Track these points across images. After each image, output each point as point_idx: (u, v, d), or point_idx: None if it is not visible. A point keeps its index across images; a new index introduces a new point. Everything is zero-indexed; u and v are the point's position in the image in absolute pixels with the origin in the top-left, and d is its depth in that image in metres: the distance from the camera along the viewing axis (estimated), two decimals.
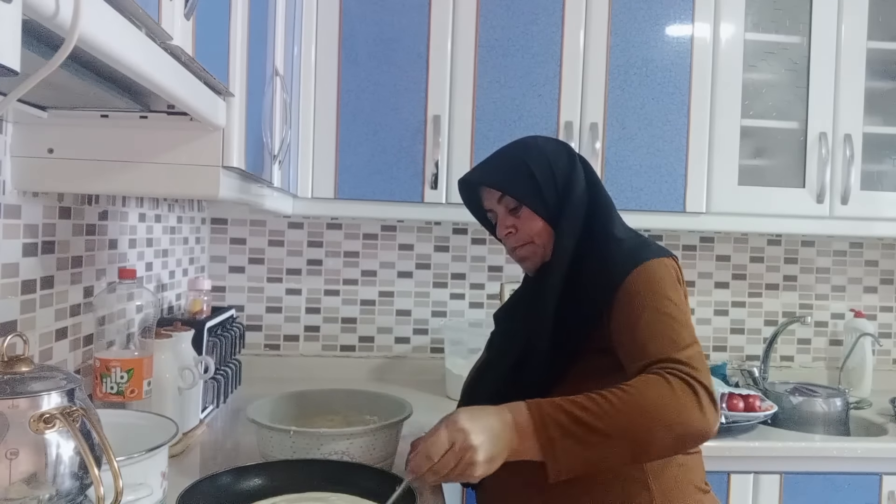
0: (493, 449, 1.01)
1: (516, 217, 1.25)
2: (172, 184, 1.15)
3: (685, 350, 1.05)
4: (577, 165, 1.25)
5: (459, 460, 1.01)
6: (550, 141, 1.31)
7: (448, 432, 1.02)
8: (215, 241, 2.30)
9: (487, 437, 1.01)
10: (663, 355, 1.05)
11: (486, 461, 1.01)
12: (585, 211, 1.22)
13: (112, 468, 0.76)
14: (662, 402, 1.00)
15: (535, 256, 1.26)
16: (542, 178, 1.22)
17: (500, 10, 2.00)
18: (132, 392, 1.28)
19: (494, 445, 1.01)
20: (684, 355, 1.04)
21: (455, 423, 1.03)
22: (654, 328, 1.08)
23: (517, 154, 1.26)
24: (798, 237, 2.47)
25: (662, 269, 1.15)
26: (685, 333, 1.08)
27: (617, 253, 1.17)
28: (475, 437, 1.00)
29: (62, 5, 0.57)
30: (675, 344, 1.06)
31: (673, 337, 1.07)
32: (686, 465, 1.18)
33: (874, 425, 2.07)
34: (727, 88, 2.06)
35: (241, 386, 2.05)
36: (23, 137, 1.14)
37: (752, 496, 1.81)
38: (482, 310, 2.37)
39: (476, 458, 1.00)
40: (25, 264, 1.19)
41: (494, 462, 1.02)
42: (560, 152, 1.26)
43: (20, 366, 0.79)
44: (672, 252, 1.22)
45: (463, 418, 1.03)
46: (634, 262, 1.14)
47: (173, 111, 1.10)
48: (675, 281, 1.15)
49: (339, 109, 1.98)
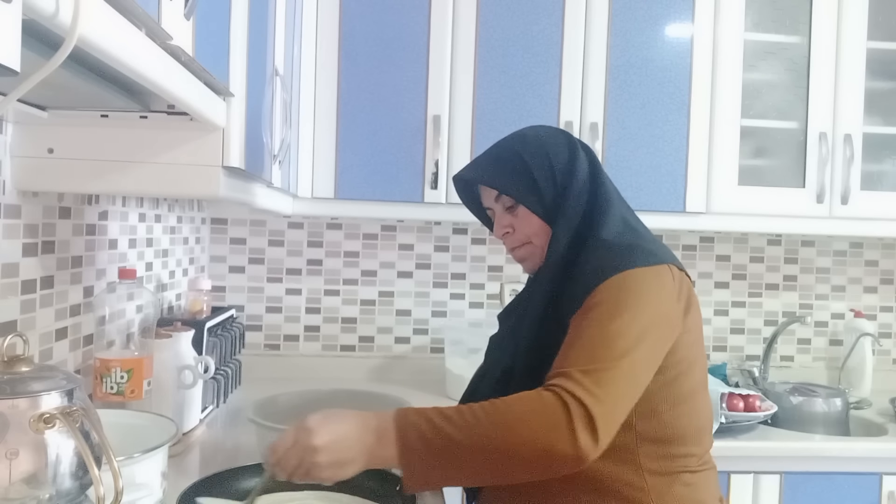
0: (340, 453, 0.96)
1: (513, 215, 1.19)
2: (172, 184, 1.15)
3: (595, 366, 0.95)
4: (579, 155, 1.17)
5: (301, 459, 0.97)
6: (550, 131, 1.22)
7: (294, 430, 1.00)
8: (215, 241, 2.30)
9: (333, 439, 0.97)
10: (567, 367, 0.96)
11: (332, 464, 0.96)
12: (585, 208, 1.14)
13: (112, 468, 0.76)
14: (526, 418, 0.92)
15: (534, 257, 1.20)
16: (540, 174, 1.15)
17: (500, 10, 2.00)
18: (132, 392, 1.28)
19: (343, 450, 0.97)
20: (582, 371, 0.94)
21: (304, 421, 1.00)
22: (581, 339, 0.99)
23: (513, 148, 1.18)
24: (798, 237, 2.47)
25: (646, 279, 1.04)
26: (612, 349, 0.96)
27: (596, 260, 1.07)
28: (317, 438, 0.96)
29: (62, 5, 0.57)
30: (590, 358, 0.96)
31: (593, 351, 0.97)
32: (694, 484, 1.10)
33: (874, 425, 2.07)
34: (727, 88, 2.06)
35: (241, 386, 2.05)
36: (23, 137, 1.14)
37: (752, 496, 1.82)
38: (482, 310, 2.36)
39: (317, 460, 0.96)
40: (25, 264, 1.19)
41: (344, 467, 0.97)
42: (559, 144, 1.18)
43: (20, 366, 0.79)
44: (674, 259, 1.12)
45: (314, 418, 0.99)
46: (609, 271, 1.04)
47: (173, 111, 1.10)
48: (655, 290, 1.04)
49: (339, 109, 1.98)
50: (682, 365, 1.08)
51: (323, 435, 0.97)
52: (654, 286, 1.04)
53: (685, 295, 1.10)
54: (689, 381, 1.10)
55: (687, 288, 1.11)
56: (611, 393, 0.94)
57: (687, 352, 1.09)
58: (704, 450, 1.14)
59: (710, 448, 1.16)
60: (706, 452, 1.15)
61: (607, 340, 0.97)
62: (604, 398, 0.92)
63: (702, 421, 1.13)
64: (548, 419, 0.91)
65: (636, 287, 1.03)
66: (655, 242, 1.15)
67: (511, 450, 0.92)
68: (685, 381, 1.09)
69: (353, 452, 0.97)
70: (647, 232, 1.18)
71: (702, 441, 1.13)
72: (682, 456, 1.09)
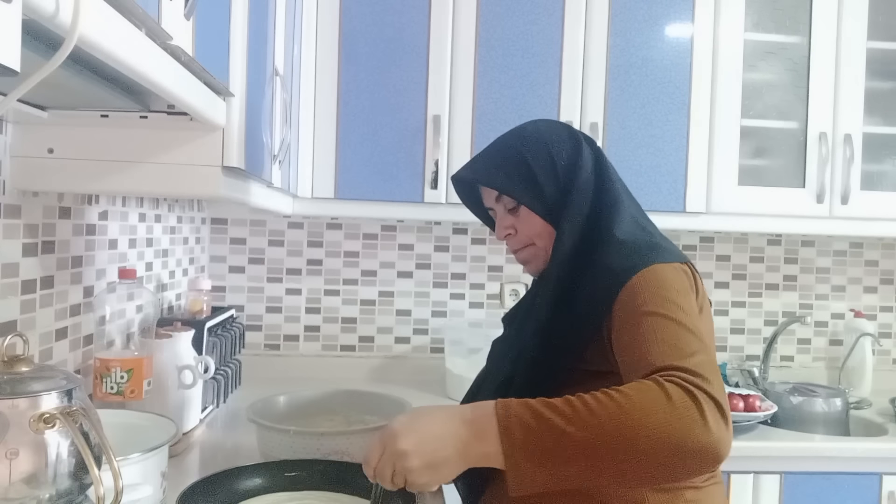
0: (432, 454, 0.88)
1: (515, 216, 1.14)
2: (172, 184, 1.15)
3: (691, 357, 0.89)
4: (583, 150, 1.11)
5: (394, 466, 0.89)
6: (552, 125, 1.16)
7: (381, 436, 0.92)
8: (215, 240, 2.30)
9: (421, 439, 0.88)
10: (664, 363, 0.88)
11: (425, 468, 0.88)
12: (590, 206, 1.08)
13: (112, 468, 0.76)
14: (653, 409, 0.82)
15: (538, 259, 1.15)
16: (541, 172, 1.09)
17: (500, 10, 2.00)
18: (132, 392, 1.28)
19: (433, 450, 0.88)
20: (690, 362, 0.87)
21: (389, 426, 0.92)
22: (656, 335, 0.92)
23: (513, 145, 1.13)
24: (798, 237, 2.47)
25: (671, 274, 1.00)
26: (692, 340, 0.91)
27: (616, 258, 1.02)
28: (404, 442, 0.89)
29: (62, 5, 0.57)
30: (680, 350, 0.90)
31: (677, 343, 0.91)
32: (698, 501, 1.01)
33: (874, 425, 2.07)
34: (727, 88, 2.06)
35: (241, 386, 2.05)
36: (23, 137, 1.14)
37: (752, 496, 1.81)
38: (482, 310, 2.37)
39: (408, 465, 0.88)
40: (25, 264, 1.19)
41: (439, 468, 0.88)
42: (561, 139, 1.12)
43: (20, 366, 0.79)
44: (687, 258, 1.08)
45: (399, 420, 0.92)
46: (636, 266, 0.99)
47: (173, 111, 1.10)
48: (686, 288, 1.00)
49: (339, 109, 1.98)
50: None
51: (409, 437, 0.89)
52: (678, 280, 1.00)
53: (700, 294, 1.05)
54: None
55: (702, 288, 1.06)
56: (718, 379, 0.88)
57: None
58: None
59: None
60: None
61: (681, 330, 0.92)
62: (718, 386, 0.86)
63: None
64: (675, 411, 0.82)
65: (665, 281, 0.98)
66: (666, 240, 1.11)
67: (638, 443, 0.82)
68: None
69: (446, 451, 0.88)
70: (657, 230, 1.13)
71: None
72: None
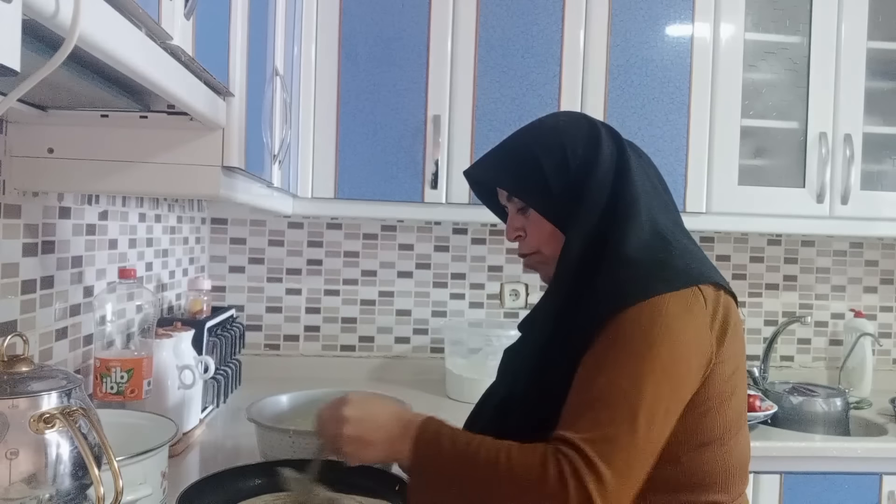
0: (365, 432, 0.98)
1: (526, 218, 1.07)
2: (172, 184, 1.15)
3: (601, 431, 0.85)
4: (601, 146, 1.01)
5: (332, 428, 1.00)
6: (572, 117, 1.09)
7: (338, 399, 1.03)
8: (215, 241, 2.30)
9: (363, 416, 0.99)
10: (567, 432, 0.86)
11: (354, 440, 0.98)
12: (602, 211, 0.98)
13: (112, 468, 0.76)
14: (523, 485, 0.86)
15: (546, 267, 1.08)
16: (553, 173, 1.01)
17: (500, 10, 2.00)
18: (132, 392, 1.28)
19: (368, 430, 0.98)
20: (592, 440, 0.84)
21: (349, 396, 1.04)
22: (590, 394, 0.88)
23: (525, 140, 1.06)
24: (798, 237, 2.47)
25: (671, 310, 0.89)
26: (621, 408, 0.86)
27: (613, 282, 0.93)
28: (350, 410, 1.00)
29: (62, 5, 0.57)
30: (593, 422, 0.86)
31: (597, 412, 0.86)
32: None
33: (874, 425, 2.07)
34: (727, 88, 2.06)
35: (241, 386, 2.05)
36: (23, 137, 1.14)
37: (752, 496, 1.81)
38: (482, 310, 2.36)
39: (343, 431, 0.98)
40: (25, 264, 1.19)
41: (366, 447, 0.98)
42: (579, 134, 1.03)
43: (20, 366, 0.79)
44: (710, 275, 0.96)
45: (356, 393, 1.05)
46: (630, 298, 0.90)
47: (173, 111, 1.10)
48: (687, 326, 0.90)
49: (339, 109, 1.98)
50: (711, 402, 0.94)
51: (356, 408, 1.00)
52: (680, 317, 0.90)
53: (720, 319, 0.94)
54: (720, 418, 0.95)
55: (724, 310, 0.95)
56: (620, 468, 0.84)
57: (722, 386, 0.94)
58: (733, 497, 0.98)
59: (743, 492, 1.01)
60: (735, 500, 0.99)
61: (619, 397, 0.86)
62: (612, 478, 0.83)
63: (733, 462, 0.97)
64: (541, 489, 0.84)
65: (658, 322, 0.89)
66: (688, 254, 0.99)
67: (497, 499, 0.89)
68: (715, 419, 0.94)
69: (377, 435, 0.97)
70: (682, 239, 1.02)
71: (730, 487, 0.97)
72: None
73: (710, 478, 0.95)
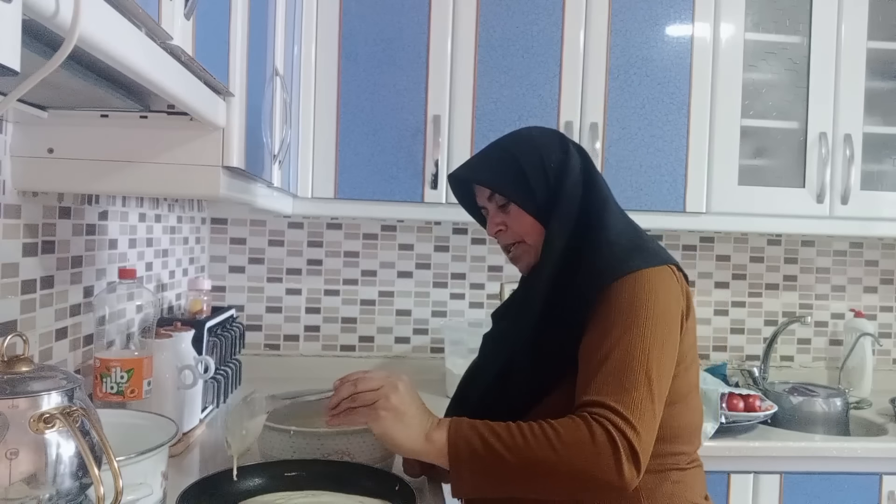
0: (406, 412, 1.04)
1: (506, 213, 1.20)
2: (172, 184, 1.15)
3: (628, 394, 1.00)
4: (572, 156, 1.18)
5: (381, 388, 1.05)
6: (544, 131, 1.24)
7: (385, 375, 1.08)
8: (215, 241, 2.30)
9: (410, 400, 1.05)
10: (598, 397, 1.00)
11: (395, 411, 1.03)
12: (579, 208, 1.15)
13: (112, 468, 0.76)
14: (578, 449, 0.97)
15: (528, 256, 1.21)
16: (532, 173, 1.15)
17: (500, 10, 2.00)
18: (132, 392, 1.28)
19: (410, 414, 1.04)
20: (625, 402, 0.99)
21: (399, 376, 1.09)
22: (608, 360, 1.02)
23: (506, 147, 1.20)
24: (798, 237, 2.47)
25: (654, 282, 1.07)
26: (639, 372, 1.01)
27: (601, 260, 1.09)
28: (403, 386, 1.06)
29: (62, 5, 0.57)
30: (620, 386, 1.00)
31: (621, 379, 1.01)
32: (682, 481, 1.12)
33: (874, 425, 2.07)
34: (727, 88, 2.06)
35: (241, 386, 2.05)
36: (23, 137, 1.14)
37: (752, 496, 1.82)
38: (482, 310, 2.36)
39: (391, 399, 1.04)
40: (25, 264, 1.19)
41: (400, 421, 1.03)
42: (552, 144, 1.19)
43: (20, 366, 0.79)
44: (673, 258, 1.15)
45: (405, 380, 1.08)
46: (618, 271, 1.06)
47: (173, 111, 1.10)
48: (669, 293, 1.07)
49: (339, 109, 1.98)
50: (681, 365, 1.10)
51: (408, 388, 1.07)
52: (664, 288, 1.07)
53: (685, 294, 1.12)
54: (686, 380, 1.12)
55: (686, 289, 1.14)
56: (647, 421, 1.00)
57: (687, 352, 1.12)
58: (694, 448, 1.17)
59: (699, 447, 1.19)
60: (696, 450, 1.18)
61: (632, 362, 1.01)
62: (643, 429, 0.99)
63: (695, 419, 1.17)
64: (596, 451, 0.96)
65: (648, 290, 1.05)
66: (655, 242, 1.17)
67: (560, 475, 0.98)
68: (683, 380, 1.11)
69: (414, 420, 1.04)
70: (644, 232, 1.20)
71: (693, 439, 1.16)
72: (673, 454, 1.11)
73: (679, 431, 1.11)
